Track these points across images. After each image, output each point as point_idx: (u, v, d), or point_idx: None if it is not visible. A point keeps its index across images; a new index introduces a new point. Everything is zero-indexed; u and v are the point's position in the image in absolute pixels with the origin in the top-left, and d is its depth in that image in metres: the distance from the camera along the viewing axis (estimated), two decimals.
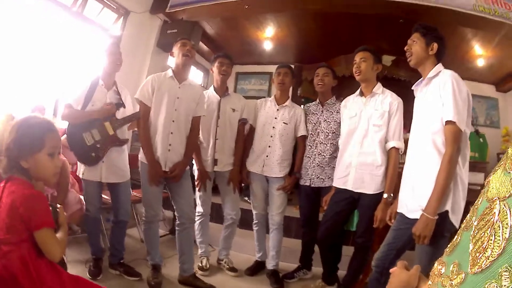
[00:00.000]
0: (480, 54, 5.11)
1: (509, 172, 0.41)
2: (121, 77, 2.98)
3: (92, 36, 4.44)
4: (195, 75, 6.48)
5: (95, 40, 4.44)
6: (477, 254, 0.40)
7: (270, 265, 3.18)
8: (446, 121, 1.81)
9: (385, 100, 2.57)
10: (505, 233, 0.37)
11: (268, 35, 5.50)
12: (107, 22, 4.62)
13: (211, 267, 3.23)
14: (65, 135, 2.73)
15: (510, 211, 0.38)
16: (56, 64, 3.95)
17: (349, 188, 2.64)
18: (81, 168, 2.79)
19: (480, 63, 5.25)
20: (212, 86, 3.23)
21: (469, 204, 0.49)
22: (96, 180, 2.78)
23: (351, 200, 2.65)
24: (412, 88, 2.18)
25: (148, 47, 5.00)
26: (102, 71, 2.84)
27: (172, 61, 2.91)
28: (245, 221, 3.45)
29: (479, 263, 0.39)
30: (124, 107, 2.88)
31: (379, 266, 2.07)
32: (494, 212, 0.40)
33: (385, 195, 2.50)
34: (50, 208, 1.42)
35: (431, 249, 1.86)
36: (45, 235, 1.33)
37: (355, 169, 2.62)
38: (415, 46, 2.03)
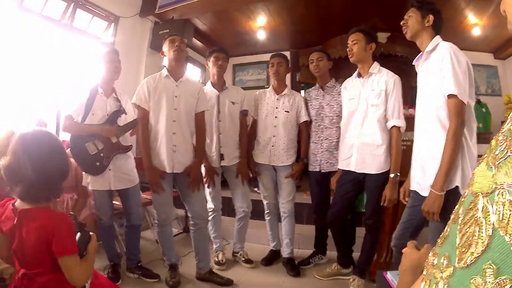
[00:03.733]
0: (475, 23, 5.07)
1: (491, 167, 0.40)
2: (119, 83, 2.96)
3: (84, 46, 4.42)
4: (192, 72, 6.47)
5: (88, 50, 4.43)
6: (463, 249, 0.40)
7: (285, 253, 3.21)
8: (448, 95, 1.79)
9: (381, 79, 2.56)
10: (488, 230, 0.38)
11: (260, 24, 5.47)
12: (98, 31, 4.60)
13: (227, 260, 3.26)
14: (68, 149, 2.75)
15: (492, 208, 0.38)
16: (53, 77, 3.95)
17: (352, 169, 2.65)
18: (86, 179, 2.79)
19: (476, 32, 5.20)
20: (209, 81, 3.22)
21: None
22: (106, 189, 2.78)
23: (356, 182, 2.66)
24: (413, 64, 2.16)
25: (141, 50, 4.99)
26: (100, 79, 2.82)
27: (166, 60, 2.87)
28: (256, 211, 3.46)
29: (464, 258, 0.39)
30: (126, 113, 2.87)
31: (398, 245, 2.08)
32: (478, 208, 0.40)
33: (391, 175, 2.51)
34: (82, 233, 1.42)
35: (443, 227, 1.86)
36: (68, 262, 1.32)
37: (357, 150, 2.62)
38: (411, 19, 2.02)
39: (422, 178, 1.98)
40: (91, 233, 1.49)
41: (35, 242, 1.28)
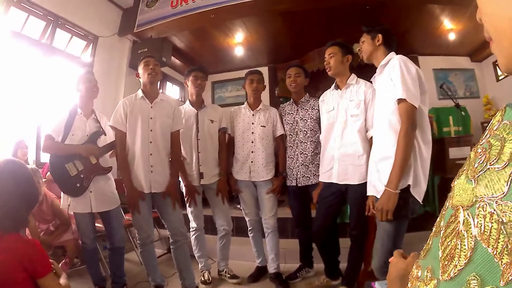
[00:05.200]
0: (451, 28, 5.18)
1: (471, 180, 0.41)
2: (98, 103, 2.96)
3: (63, 66, 4.41)
4: (171, 90, 6.49)
5: (66, 70, 4.42)
6: (446, 262, 0.40)
7: (271, 268, 3.19)
8: (398, 100, 1.93)
9: (359, 89, 2.59)
10: (470, 243, 0.38)
11: (238, 41, 5.51)
12: (78, 50, 4.60)
13: (213, 279, 3.22)
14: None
15: (473, 221, 0.38)
16: (33, 97, 3.94)
17: (334, 181, 2.65)
18: (66, 202, 2.75)
19: (452, 37, 5.32)
20: (188, 100, 3.23)
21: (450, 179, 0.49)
22: (87, 212, 2.75)
23: (339, 194, 2.67)
24: (370, 81, 2.33)
25: (121, 69, 5.00)
26: (79, 99, 2.82)
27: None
28: (240, 229, 3.44)
29: (448, 270, 0.40)
30: (105, 134, 2.87)
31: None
32: (459, 221, 0.40)
33: None
34: None
35: (392, 230, 1.96)
36: (50, 281, 1.36)
37: (338, 161, 2.63)
38: (364, 44, 2.22)
39: (378, 179, 2.09)
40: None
41: (7, 261, 1.28)
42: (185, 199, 3.08)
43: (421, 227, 3.23)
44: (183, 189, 3.10)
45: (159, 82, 2.93)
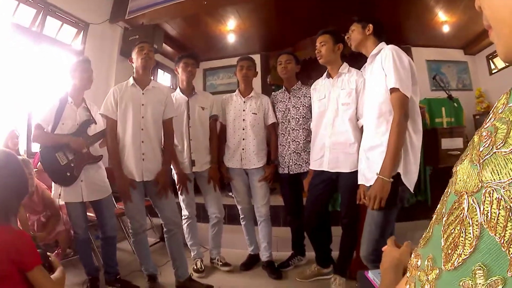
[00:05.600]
0: (445, 20, 5.16)
1: (476, 165, 0.39)
2: (89, 91, 2.89)
3: (54, 54, 4.34)
4: (163, 78, 6.42)
5: (57, 58, 4.36)
6: (449, 251, 0.39)
7: (264, 256, 3.20)
8: (390, 89, 1.95)
9: (351, 78, 2.59)
10: (476, 231, 0.36)
11: (230, 28, 5.46)
12: (68, 38, 4.52)
13: (206, 267, 3.23)
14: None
15: (479, 208, 0.37)
16: (23, 86, 3.86)
17: (325, 169, 2.66)
18: (57, 191, 2.72)
19: (446, 29, 5.31)
20: (178, 87, 3.20)
21: (448, 170, 0.47)
22: (78, 201, 2.72)
23: (330, 182, 2.67)
24: (361, 70, 2.35)
25: (112, 57, 4.91)
26: (71, 88, 2.77)
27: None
28: (232, 216, 3.44)
29: (451, 260, 0.38)
30: (95, 123, 2.83)
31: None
32: (463, 208, 0.39)
33: None
34: (39, 250, 1.42)
35: (381, 219, 1.98)
36: (39, 274, 1.33)
37: (329, 149, 2.64)
38: (353, 32, 2.23)
39: (368, 169, 2.12)
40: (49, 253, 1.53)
41: None
42: (177, 187, 3.07)
43: (413, 217, 3.27)
44: (175, 177, 3.09)
45: (151, 70, 2.88)
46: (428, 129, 3.98)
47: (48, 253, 1.51)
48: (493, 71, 5.77)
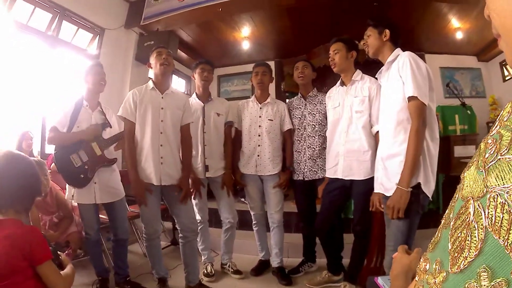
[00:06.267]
0: (458, 27, 5.13)
1: (482, 171, 0.40)
2: (104, 96, 2.94)
3: (69, 58, 4.42)
4: (177, 84, 6.47)
5: (73, 62, 4.42)
6: (456, 254, 0.40)
7: (275, 262, 3.20)
8: (408, 97, 1.92)
9: (364, 85, 2.60)
10: (481, 234, 0.38)
11: (245, 35, 5.49)
12: (84, 43, 4.60)
13: (216, 272, 3.24)
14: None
15: (484, 212, 0.38)
16: (38, 89, 3.94)
17: (340, 176, 2.66)
18: (70, 193, 2.76)
19: (459, 35, 5.27)
20: (195, 93, 3.23)
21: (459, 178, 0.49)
22: (91, 203, 2.75)
23: (344, 189, 2.67)
24: (375, 77, 2.31)
25: (127, 62, 4.98)
26: (86, 91, 2.81)
27: (152, 72, 2.86)
28: (244, 222, 3.45)
29: (458, 263, 0.39)
30: (110, 126, 2.86)
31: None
32: (469, 212, 0.40)
33: None
34: (51, 248, 1.44)
35: (405, 228, 1.96)
36: (48, 268, 1.36)
37: (343, 157, 2.64)
38: (370, 38, 2.19)
39: (386, 178, 2.10)
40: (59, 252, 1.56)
41: (7, 249, 1.28)
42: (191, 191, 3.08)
43: (425, 225, 3.21)
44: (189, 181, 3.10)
45: (170, 75, 2.90)
46: (442, 136, 3.94)
47: (59, 253, 1.54)
48: (506, 78, 5.72)
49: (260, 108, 3.17)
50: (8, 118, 3.55)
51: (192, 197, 3.08)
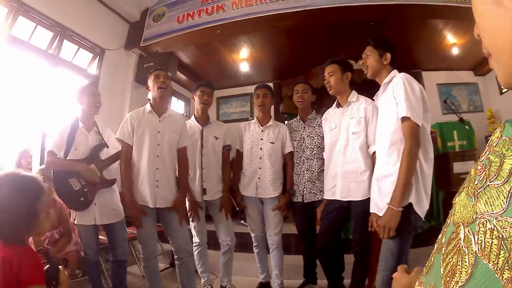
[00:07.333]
0: (454, 42, 5.18)
1: (471, 197, 0.41)
2: (103, 116, 2.98)
3: (69, 77, 4.45)
4: (176, 105, 6.51)
5: (72, 81, 4.46)
6: (448, 279, 0.41)
7: (275, 284, 3.16)
8: (402, 118, 1.94)
9: (360, 106, 2.61)
10: (471, 259, 0.39)
11: (243, 57, 5.54)
12: (84, 63, 4.65)
13: None
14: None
15: (474, 238, 0.39)
16: (38, 106, 3.97)
17: (338, 198, 2.65)
18: (72, 214, 2.76)
19: (455, 51, 5.32)
20: (193, 115, 3.25)
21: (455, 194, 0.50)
22: (91, 224, 2.74)
23: (342, 210, 2.66)
24: (373, 99, 2.34)
25: (126, 83, 5.04)
26: (81, 112, 2.83)
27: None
28: (244, 244, 3.42)
29: (450, 287, 0.40)
30: (107, 147, 2.87)
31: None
32: (460, 238, 0.41)
33: None
34: (50, 264, 1.43)
35: (396, 247, 1.96)
36: None
37: (341, 178, 2.64)
38: (370, 59, 2.20)
39: (379, 198, 2.10)
40: (60, 266, 1.57)
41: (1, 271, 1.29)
42: (188, 214, 3.07)
43: (427, 243, 3.21)
44: (187, 204, 3.09)
45: (168, 98, 2.92)
46: (440, 153, 3.95)
47: (61, 267, 1.53)
48: (503, 91, 5.71)
49: (262, 130, 3.18)
50: (8, 136, 3.57)
51: (190, 219, 3.09)
